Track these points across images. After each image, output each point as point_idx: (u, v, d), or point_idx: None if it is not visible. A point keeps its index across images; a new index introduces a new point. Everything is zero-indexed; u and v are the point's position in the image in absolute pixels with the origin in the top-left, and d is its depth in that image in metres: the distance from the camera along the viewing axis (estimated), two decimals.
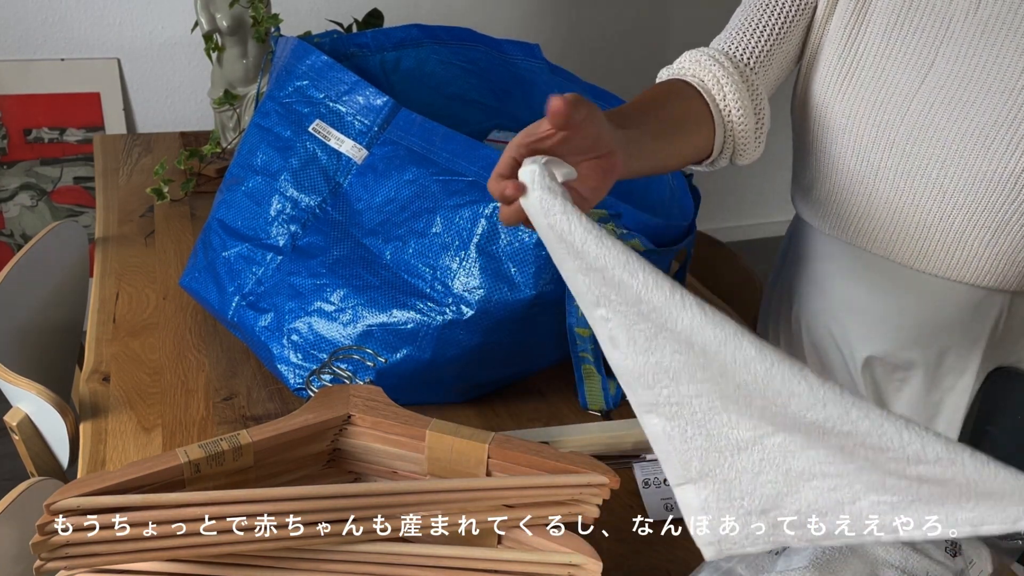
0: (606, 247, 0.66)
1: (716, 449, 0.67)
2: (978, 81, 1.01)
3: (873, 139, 1.07)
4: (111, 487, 0.71)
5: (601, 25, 2.97)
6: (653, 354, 0.67)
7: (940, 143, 1.03)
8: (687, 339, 0.64)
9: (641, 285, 0.65)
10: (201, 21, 1.69)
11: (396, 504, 0.76)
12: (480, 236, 1.01)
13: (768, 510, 0.67)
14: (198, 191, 1.61)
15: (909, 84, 1.04)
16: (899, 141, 1.05)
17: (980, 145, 1.01)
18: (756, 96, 1.05)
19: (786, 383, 0.62)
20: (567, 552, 0.77)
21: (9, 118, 2.40)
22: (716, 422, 0.66)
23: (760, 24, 1.08)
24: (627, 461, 1.01)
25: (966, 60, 1.01)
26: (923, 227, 1.07)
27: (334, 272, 1.06)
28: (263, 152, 1.13)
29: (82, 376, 1.12)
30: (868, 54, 1.06)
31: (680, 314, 0.64)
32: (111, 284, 1.32)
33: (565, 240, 0.68)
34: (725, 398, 0.66)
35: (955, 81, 1.02)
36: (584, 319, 0.99)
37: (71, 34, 2.40)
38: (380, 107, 1.09)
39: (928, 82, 1.03)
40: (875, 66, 1.05)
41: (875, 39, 1.05)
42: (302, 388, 1.05)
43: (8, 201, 2.48)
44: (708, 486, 0.68)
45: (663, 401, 0.67)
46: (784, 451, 0.65)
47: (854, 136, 1.08)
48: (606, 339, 0.68)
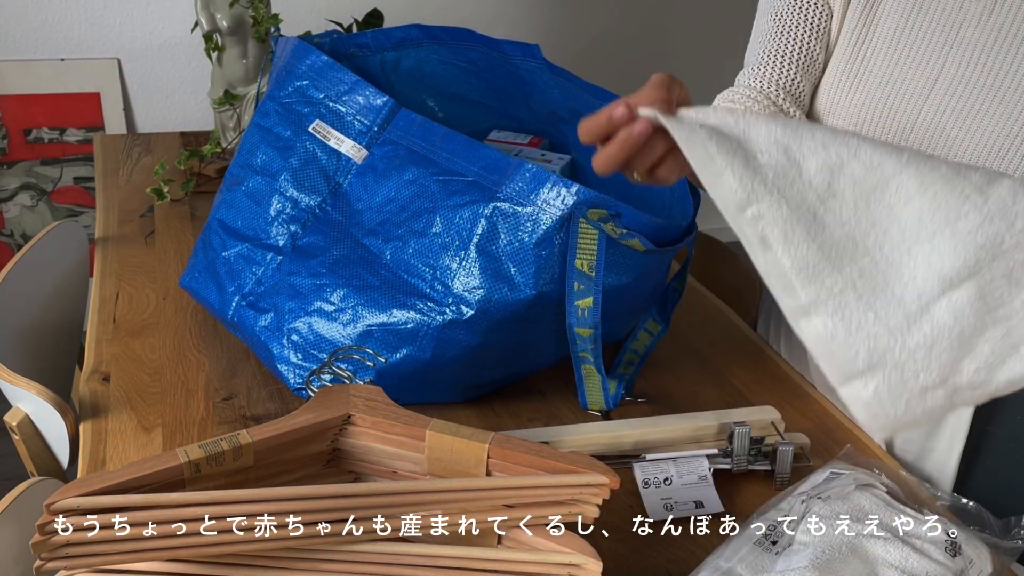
0: (783, 124, 0.68)
1: (886, 331, 0.67)
2: (990, 88, 0.99)
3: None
4: (111, 487, 0.71)
5: (603, 26, 2.97)
6: (815, 239, 0.67)
7: (952, 152, 1.02)
8: (860, 196, 0.66)
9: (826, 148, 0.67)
10: (201, 21, 1.69)
11: (396, 504, 0.76)
12: (480, 236, 1.01)
13: (946, 378, 0.67)
14: (198, 191, 1.62)
15: (919, 90, 1.02)
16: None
17: (995, 155, 0.99)
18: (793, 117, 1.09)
19: (952, 206, 0.64)
20: (567, 552, 0.77)
21: (9, 118, 2.40)
22: (882, 300, 0.67)
23: (784, 55, 1.09)
24: (627, 461, 1.01)
25: (977, 66, 1.00)
26: None
27: (334, 272, 1.06)
28: (263, 152, 1.13)
29: (82, 376, 1.12)
30: (875, 59, 1.05)
31: (857, 161, 0.66)
32: (111, 284, 1.32)
33: (722, 134, 0.68)
34: (889, 266, 0.66)
35: (966, 88, 1.00)
36: (584, 318, 0.99)
37: (71, 34, 2.40)
38: (380, 107, 1.09)
39: (938, 88, 1.01)
40: (883, 72, 1.04)
41: (883, 44, 1.04)
42: (302, 388, 1.05)
43: (8, 201, 2.48)
44: (878, 374, 0.67)
45: (825, 294, 0.66)
46: (953, 311, 0.66)
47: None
48: (756, 241, 0.67)
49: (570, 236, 0.99)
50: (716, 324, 1.32)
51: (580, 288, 0.98)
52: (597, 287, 0.98)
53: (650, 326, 1.18)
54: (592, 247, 0.98)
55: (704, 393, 1.15)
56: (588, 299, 0.99)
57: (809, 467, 1.03)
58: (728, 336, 1.29)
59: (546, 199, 1.00)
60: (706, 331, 1.29)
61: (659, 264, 1.07)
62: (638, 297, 1.12)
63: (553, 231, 0.99)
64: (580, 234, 0.98)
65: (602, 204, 0.98)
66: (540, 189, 1.00)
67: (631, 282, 1.05)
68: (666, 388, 1.16)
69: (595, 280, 0.98)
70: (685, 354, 1.23)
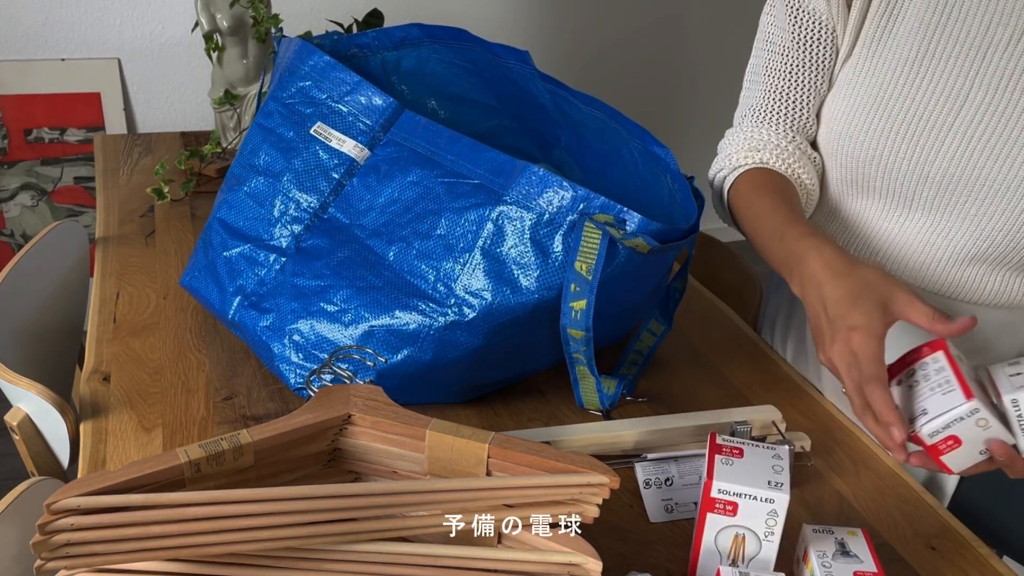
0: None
1: None
2: (1019, 118, 0.96)
3: (905, 173, 1.03)
4: (111, 487, 0.71)
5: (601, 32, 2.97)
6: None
7: (980, 182, 0.99)
8: None
9: None
10: (201, 21, 1.69)
11: (396, 504, 0.76)
12: (486, 239, 1.01)
13: None
14: (198, 191, 1.62)
15: (943, 117, 0.99)
16: (934, 176, 1.01)
17: (1021, 185, 0.97)
18: (818, 164, 1.12)
19: None
20: (567, 552, 0.77)
21: (10, 118, 2.40)
22: None
23: (794, 99, 1.10)
24: (627, 461, 1.01)
25: (1005, 94, 0.96)
26: (955, 260, 1.05)
27: (338, 274, 1.06)
28: (266, 153, 1.13)
29: (82, 376, 1.12)
30: (896, 82, 1.01)
31: None
32: (111, 284, 1.32)
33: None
34: None
35: (993, 117, 0.97)
36: (577, 320, 0.99)
37: (71, 34, 2.40)
38: (383, 108, 1.09)
39: (964, 116, 0.98)
40: (905, 96, 1.01)
41: (902, 66, 1.01)
42: (302, 388, 1.05)
43: (8, 201, 2.48)
44: None
45: None
46: None
47: (884, 167, 1.04)
48: None
49: (574, 239, 0.99)
50: (716, 324, 1.32)
51: (576, 290, 0.98)
52: (592, 291, 0.98)
53: (653, 326, 1.18)
54: (593, 250, 0.98)
55: (704, 393, 1.15)
56: (582, 302, 0.98)
57: (809, 467, 1.03)
58: (728, 336, 1.29)
59: (552, 202, 1.00)
60: (706, 331, 1.29)
61: (661, 263, 1.07)
62: (640, 298, 1.12)
63: (558, 235, 0.99)
64: (584, 236, 0.98)
65: (609, 209, 0.98)
66: (546, 192, 1.00)
67: (632, 282, 1.05)
68: (666, 388, 1.16)
69: (591, 284, 0.98)
70: (685, 354, 1.23)
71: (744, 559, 0.82)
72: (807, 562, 0.82)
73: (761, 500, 0.79)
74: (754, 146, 1.12)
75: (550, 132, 1.35)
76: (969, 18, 0.97)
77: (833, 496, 1.00)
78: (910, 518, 0.97)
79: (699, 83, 3.13)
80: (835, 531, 0.84)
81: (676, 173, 1.13)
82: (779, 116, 1.11)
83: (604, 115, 1.26)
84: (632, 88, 3.04)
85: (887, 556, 0.91)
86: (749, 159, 1.12)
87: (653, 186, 1.19)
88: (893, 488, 1.02)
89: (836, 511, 0.98)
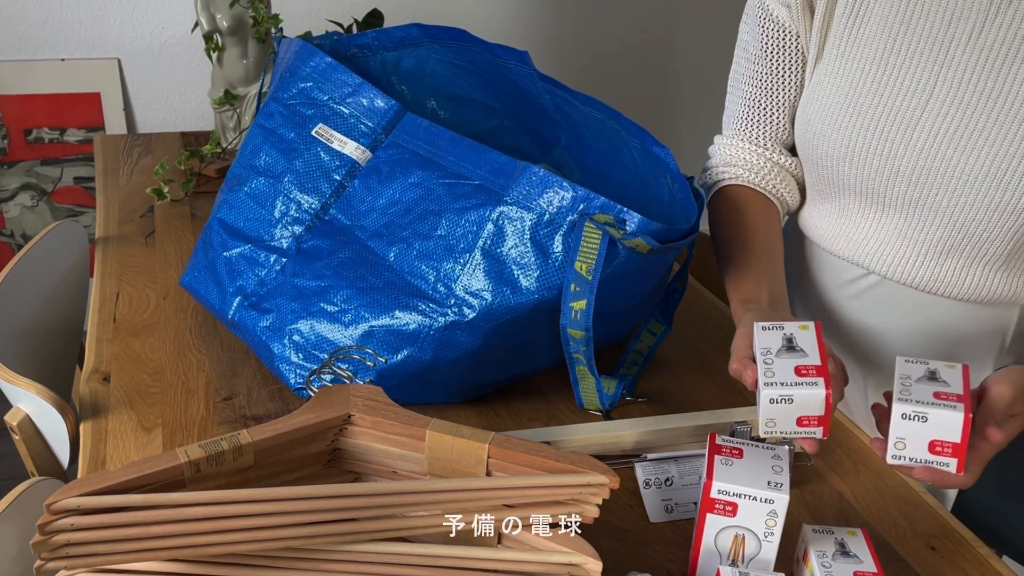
0: None
1: None
2: (984, 110, 0.98)
3: (877, 168, 1.04)
4: (111, 487, 0.71)
5: (600, 32, 2.97)
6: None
7: (949, 173, 1.01)
8: None
9: None
10: (201, 21, 1.69)
11: (396, 504, 0.76)
12: (486, 239, 1.01)
13: None
14: (198, 191, 1.62)
15: (911, 112, 1.01)
16: (905, 170, 1.03)
17: (992, 177, 0.98)
18: (794, 169, 1.17)
19: None
20: (567, 552, 0.77)
21: (9, 118, 2.40)
22: None
23: (767, 107, 1.14)
24: (627, 461, 1.01)
25: (969, 87, 0.98)
26: (933, 254, 1.06)
27: (338, 274, 1.06)
28: (267, 153, 1.13)
29: (82, 376, 1.12)
30: (864, 80, 1.03)
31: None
32: (111, 284, 1.32)
33: None
34: None
35: (959, 109, 0.99)
36: (577, 320, 0.99)
37: (71, 34, 2.40)
38: (385, 110, 1.09)
39: (930, 110, 1.00)
40: (873, 92, 1.03)
41: (871, 64, 1.03)
42: (302, 388, 1.05)
43: (8, 201, 2.48)
44: None
45: None
46: None
47: (857, 163, 1.05)
48: None
49: (574, 239, 0.99)
50: (716, 324, 1.32)
51: (576, 290, 0.98)
52: (592, 291, 0.98)
53: (653, 327, 1.18)
54: (593, 251, 0.98)
55: (704, 393, 1.15)
56: (582, 302, 0.98)
57: (809, 467, 1.03)
58: (728, 336, 1.28)
59: (552, 202, 1.00)
60: (706, 331, 1.29)
61: (661, 264, 1.07)
62: (640, 297, 1.12)
63: (559, 235, 0.99)
64: (584, 237, 0.98)
65: (609, 209, 0.98)
66: (547, 192, 1.00)
67: (632, 282, 1.05)
68: (666, 388, 1.16)
69: (591, 284, 0.98)
70: (685, 354, 1.23)
71: (744, 559, 0.82)
72: (807, 562, 0.82)
73: (761, 500, 0.80)
74: (728, 161, 1.18)
75: (550, 132, 1.35)
76: (931, 15, 0.99)
77: (833, 496, 1.00)
78: (910, 518, 0.97)
79: (699, 84, 3.13)
80: (835, 531, 0.84)
81: (676, 173, 1.13)
82: (755, 124, 1.16)
83: (604, 115, 1.26)
84: (632, 88, 3.04)
85: (887, 556, 0.91)
86: (726, 174, 1.18)
87: (653, 186, 1.19)
88: (893, 488, 1.02)
89: (836, 511, 0.98)
